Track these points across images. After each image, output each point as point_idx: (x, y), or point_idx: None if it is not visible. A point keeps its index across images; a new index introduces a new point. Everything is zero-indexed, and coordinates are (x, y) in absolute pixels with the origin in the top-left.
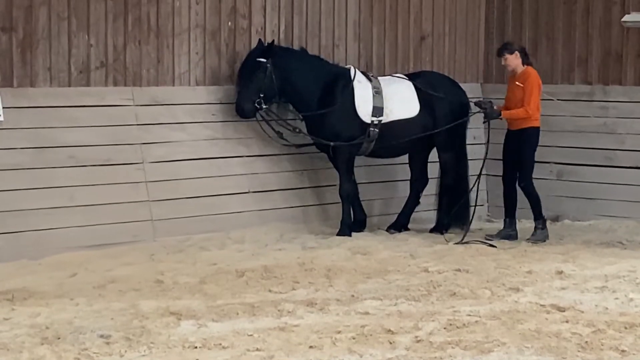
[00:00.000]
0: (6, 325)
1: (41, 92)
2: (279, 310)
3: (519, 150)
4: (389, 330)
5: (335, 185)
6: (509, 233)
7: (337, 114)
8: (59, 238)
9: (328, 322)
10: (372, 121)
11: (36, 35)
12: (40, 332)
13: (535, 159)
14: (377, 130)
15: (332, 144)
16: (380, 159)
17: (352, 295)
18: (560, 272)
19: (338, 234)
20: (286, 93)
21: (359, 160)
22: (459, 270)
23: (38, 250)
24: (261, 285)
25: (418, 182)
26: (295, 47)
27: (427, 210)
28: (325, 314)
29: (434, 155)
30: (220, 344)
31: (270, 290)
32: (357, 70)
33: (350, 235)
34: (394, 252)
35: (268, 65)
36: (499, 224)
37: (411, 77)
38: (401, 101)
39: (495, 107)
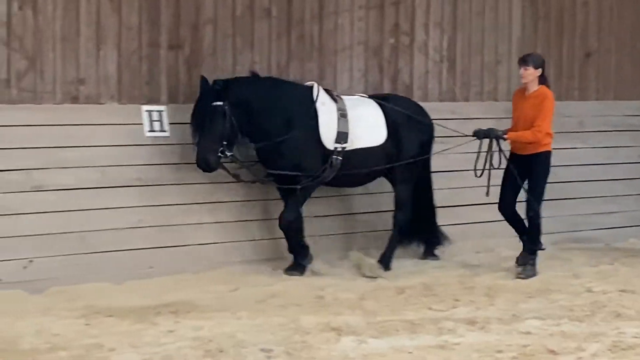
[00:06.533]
0: (170, 338)
1: None
2: (439, 328)
3: (530, 177)
4: (552, 351)
5: None
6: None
7: (297, 142)
8: (221, 252)
9: (489, 341)
10: (336, 148)
11: (202, 53)
12: (203, 344)
13: None
14: (340, 158)
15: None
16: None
17: (514, 315)
18: None
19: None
20: (245, 129)
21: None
22: (624, 290)
23: (198, 263)
24: (421, 302)
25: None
26: (464, 63)
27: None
28: (486, 333)
29: None
30: None
31: (430, 308)
32: (320, 88)
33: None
34: (556, 271)
35: (226, 107)
36: None
37: (379, 99)
38: (367, 127)
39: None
